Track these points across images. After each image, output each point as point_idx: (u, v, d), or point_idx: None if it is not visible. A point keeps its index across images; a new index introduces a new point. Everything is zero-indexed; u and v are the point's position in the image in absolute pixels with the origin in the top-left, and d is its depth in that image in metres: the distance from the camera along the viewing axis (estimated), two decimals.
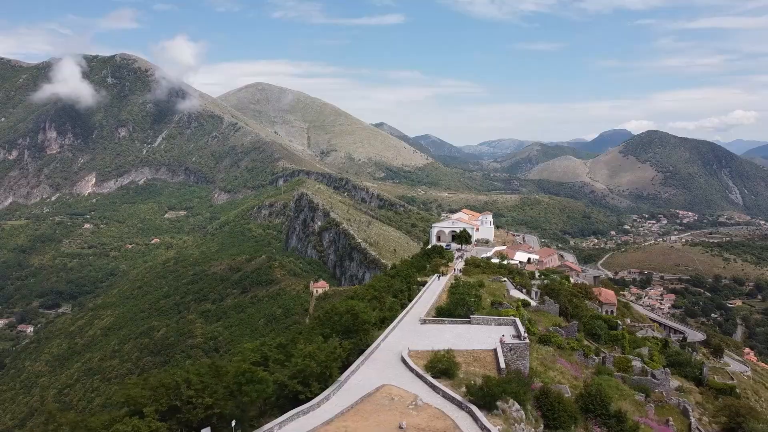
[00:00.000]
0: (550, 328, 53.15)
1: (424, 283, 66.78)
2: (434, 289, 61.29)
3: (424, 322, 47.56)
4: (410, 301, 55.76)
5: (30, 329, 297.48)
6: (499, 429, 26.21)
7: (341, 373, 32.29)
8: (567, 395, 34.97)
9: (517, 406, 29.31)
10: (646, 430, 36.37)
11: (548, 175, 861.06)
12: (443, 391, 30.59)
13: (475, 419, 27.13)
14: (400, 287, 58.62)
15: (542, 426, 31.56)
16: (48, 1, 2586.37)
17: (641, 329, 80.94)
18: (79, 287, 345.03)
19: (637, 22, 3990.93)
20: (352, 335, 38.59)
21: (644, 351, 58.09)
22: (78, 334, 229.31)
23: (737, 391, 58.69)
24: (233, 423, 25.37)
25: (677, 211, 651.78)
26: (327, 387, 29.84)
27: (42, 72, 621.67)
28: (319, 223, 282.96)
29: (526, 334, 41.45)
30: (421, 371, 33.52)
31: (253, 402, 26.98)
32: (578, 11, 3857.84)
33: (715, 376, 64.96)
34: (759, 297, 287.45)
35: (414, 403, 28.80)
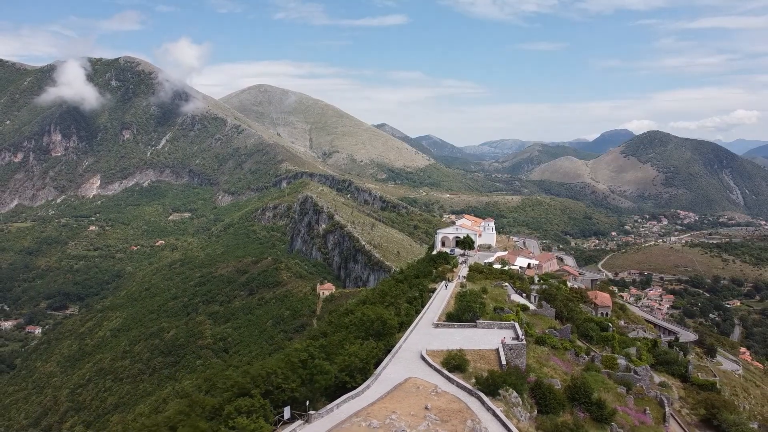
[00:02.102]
0: (546, 330, 58.59)
1: (433, 290, 72.48)
2: (443, 296, 67.52)
3: (436, 326, 53.75)
4: (423, 307, 62.07)
5: (38, 330, 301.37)
6: (501, 410, 32.80)
7: (376, 368, 39.31)
8: (557, 387, 41.20)
9: (515, 393, 36.30)
10: (624, 416, 42.08)
11: (550, 175, 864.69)
12: (457, 381, 37.48)
13: (483, 402, 34.04)
14: (413, 295, 64.44)
15: (536, 411, 37.88)
16: (50, 2, 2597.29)
17: (633, 330, 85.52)
18: (85, 289, 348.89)
19: (638, 22, 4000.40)
20: (382, 338, 46.24)
21: (632, 350, 63.23)
22: (88, 335, 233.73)
23: (718, 386, 63.92)
24: (307, 403, 32.42)
25: (678, 211, 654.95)
26: (367, 379, 36.92)
27: (46, 75, 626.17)
28: (324, 226, 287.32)
29: (524, 336, 47.77)
30: (438, 366, 40.29)
31: (321, 388, 34.07)
32: (580, 11, 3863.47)
33: (699, 374, 69.93)
34: (757, 297, 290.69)
35: (435, 390, 35.49)
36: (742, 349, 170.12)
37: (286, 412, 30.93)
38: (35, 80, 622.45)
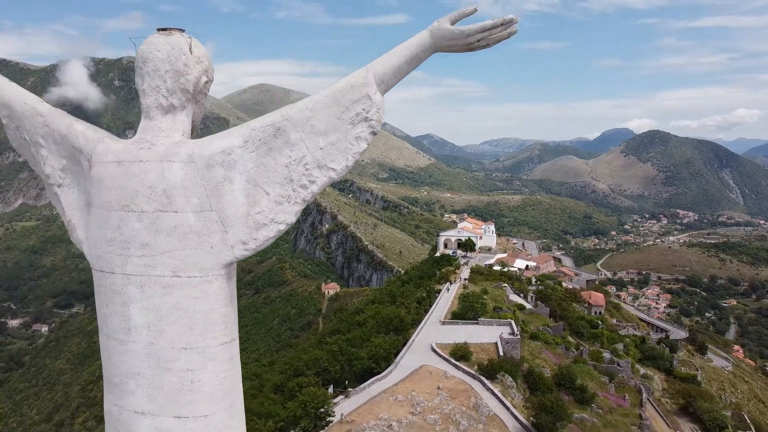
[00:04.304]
0: (540, 328, 64.92)
1: (439, 291, 79.10)
2: (447, 298, 74.51)
3: (443, 323, 60.94)
4: (431, 306, 69.37)
5: (45, 328, 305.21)
6: (498, 390, 40.31)
7: (395, 357, 47.01)
8: (547, 375, 47.82)
9: (510, 378, 43.67)
10: (604, 400, 48.03)
11: (550, 174, 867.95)
12: (462, 368, 45.05)
13: (483, 384, 41.68)
14: (421, 296, 71.15)
15: (528, 393, 44.48)
16: (53, 2, 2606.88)
17: (624, 328, 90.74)
18: (91, 287, 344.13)
19: (639, 21, 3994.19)
20: (400, 332, 54.40)
21: (620, 346, 68.71)
22: (96, 333, 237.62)
23: (699, 379, 69.37)
24: (346, 382, 40.02)
25: (677, 210, 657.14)
26: (389, 365, 44.35)
27: (50, 75, 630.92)
28: (327, 226, 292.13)
29: (519, 332, 54.94)
30: (446, 356, 47.78)
31: (355, 372, 39.13)
32: (581, 11, 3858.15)
33: (683, 368, 75.31)
34: (753, 297, 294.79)
35: (444, 375, 42.96)
36: (736, 347, 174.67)
37: (330, 389, 37.65)
38: (39, 80, 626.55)
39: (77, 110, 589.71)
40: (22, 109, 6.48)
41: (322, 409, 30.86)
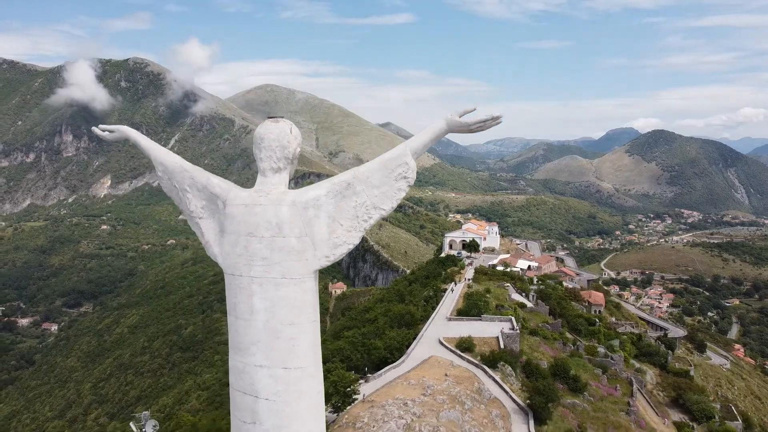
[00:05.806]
0: (540, 324, 68.45)
1: (445, 290, 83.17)
2: (453, 297, 78.99)
3: (449, 319, 65.56)
4: (437, 304, 74.01)
5: (54, 327, 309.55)
6: (498, 377, 44.59)
7: (407, 348, 51.78)
8: (543, 366, 51.70)
9: (510, 368, 48.04)
10: (596, 390, 51.70)
11: (555, 174, 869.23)
12: (467, 358, 49.67)
13: (485, 372, 46.11)
14: (429, 294, 75.24)
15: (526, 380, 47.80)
16: (59, 2, 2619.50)
17: (622, 326, 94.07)
18: (99, 287, 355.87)
19: (645, 20, 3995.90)
20: (410, 327, 59.59)
21: (615, 342, 72.09)
22: (106, 332, 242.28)
23: (691, 374, 72.79)
24: (366, 369, 44.53)
25: (682, 210, 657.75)
26: (402, 356, 49.09)
27: (57, 76, 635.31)
28: None
29: (519, 328, 59.47)
30: (452, 348, 52.39)
31: (373, 361, 43.26)
32: (587, 10, 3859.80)
33: (677, 364, 78.78)
34: (756, 296, 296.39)
35: (451, 364, 47.68)
36: (737, 346, 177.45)
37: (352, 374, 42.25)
38: (46, 81, 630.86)
39: (84, 111, 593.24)
40: (173, 166, 9.72)
41: (350, 389, 36.44)
